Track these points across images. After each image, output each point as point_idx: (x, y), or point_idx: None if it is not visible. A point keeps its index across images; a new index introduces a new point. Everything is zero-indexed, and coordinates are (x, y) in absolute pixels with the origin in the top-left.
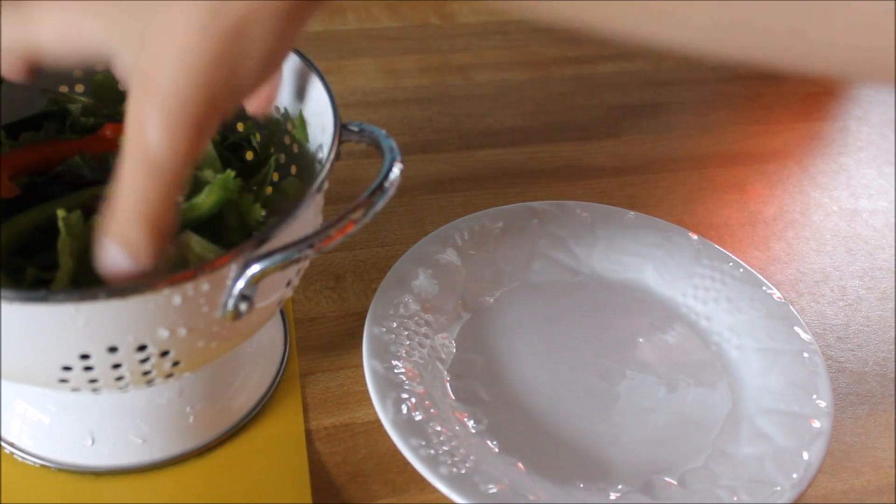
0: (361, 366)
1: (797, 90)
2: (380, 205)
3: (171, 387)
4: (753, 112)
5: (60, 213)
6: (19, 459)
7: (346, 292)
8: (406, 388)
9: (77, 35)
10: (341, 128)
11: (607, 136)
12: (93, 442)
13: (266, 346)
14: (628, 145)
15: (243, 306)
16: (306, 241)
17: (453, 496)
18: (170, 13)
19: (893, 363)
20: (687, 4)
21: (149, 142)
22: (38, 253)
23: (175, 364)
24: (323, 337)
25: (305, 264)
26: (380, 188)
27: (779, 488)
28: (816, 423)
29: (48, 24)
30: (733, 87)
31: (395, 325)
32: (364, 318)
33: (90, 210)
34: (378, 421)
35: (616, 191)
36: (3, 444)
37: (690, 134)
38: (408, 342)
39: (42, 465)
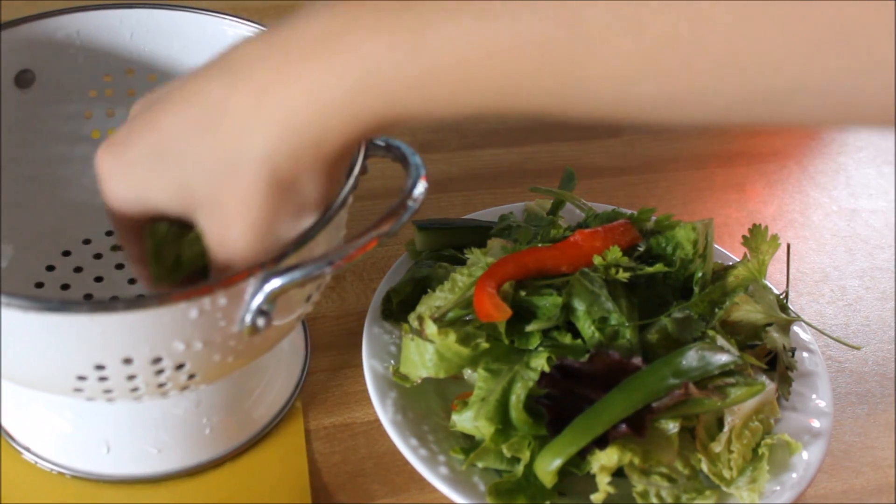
0: (361, 366)
1: None
2: (403, 221)
3: (187, 397)
4: None
5: None
6: (34, 465)
7: (346, 292)
8: (406, 387)
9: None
10: (367, 142)
11: (607, 135)
12: (108, 450)
13: (288, 355)
14: (628, 145)
15: (261, 322)
16: (326, 258)
17: (453, 496)
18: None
19: (893, 363)
20: None
21: None
22: None
23: (191, 377)
24: (323, 337)
25: (326, 280)
26: (403, 205)
27: (778, 488)
28: (816, 423)
29: None
30: None
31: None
32: (364, 317)
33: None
34: (377, 421)
35: (616, 190)
36: (19, 448)
37: (690, 134)
38: None
39: (58, 472)
